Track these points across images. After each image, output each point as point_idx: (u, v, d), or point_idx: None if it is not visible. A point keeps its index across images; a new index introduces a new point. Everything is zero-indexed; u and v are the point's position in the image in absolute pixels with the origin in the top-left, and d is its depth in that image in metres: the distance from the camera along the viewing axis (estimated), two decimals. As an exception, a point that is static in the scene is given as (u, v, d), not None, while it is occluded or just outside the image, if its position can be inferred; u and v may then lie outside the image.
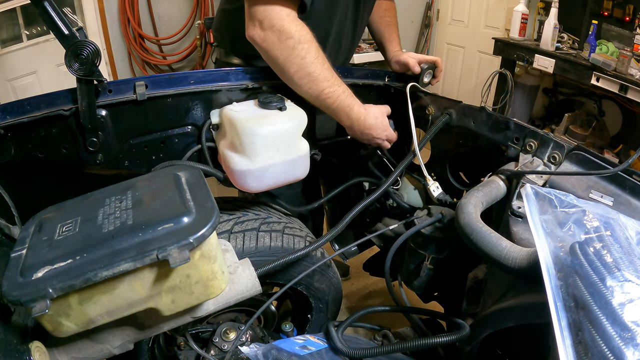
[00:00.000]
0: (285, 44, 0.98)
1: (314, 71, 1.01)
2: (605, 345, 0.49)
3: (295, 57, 0.99)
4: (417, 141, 1.17)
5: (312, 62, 1.01)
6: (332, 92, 1.06)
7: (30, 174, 1.02)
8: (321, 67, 1.02)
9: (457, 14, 3.95)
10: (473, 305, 1.01)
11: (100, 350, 0.77)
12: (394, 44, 1.44)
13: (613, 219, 0.65)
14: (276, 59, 1.01)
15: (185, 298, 0.73)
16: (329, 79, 1.04)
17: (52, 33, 0.82)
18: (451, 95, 1.30)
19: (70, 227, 0.70)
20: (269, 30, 0.98)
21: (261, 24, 0.99)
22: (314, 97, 1.06)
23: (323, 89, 1.04)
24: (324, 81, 1.04)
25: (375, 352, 0.91)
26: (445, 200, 1.19)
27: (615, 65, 2.39)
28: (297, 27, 0.99)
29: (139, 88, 1.00)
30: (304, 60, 1.00)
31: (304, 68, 1.01)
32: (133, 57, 3.44)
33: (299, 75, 1.02)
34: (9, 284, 0.61)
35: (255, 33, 1.00)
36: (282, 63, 1.01)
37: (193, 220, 0.69)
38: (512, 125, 1.00)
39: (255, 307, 1.22)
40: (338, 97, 1.07)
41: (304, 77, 1.02)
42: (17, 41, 3.07)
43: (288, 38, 0.98)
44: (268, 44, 0.99)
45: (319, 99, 1.06)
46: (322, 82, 1.03)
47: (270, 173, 1.03)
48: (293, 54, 0.99)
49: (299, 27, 0.99)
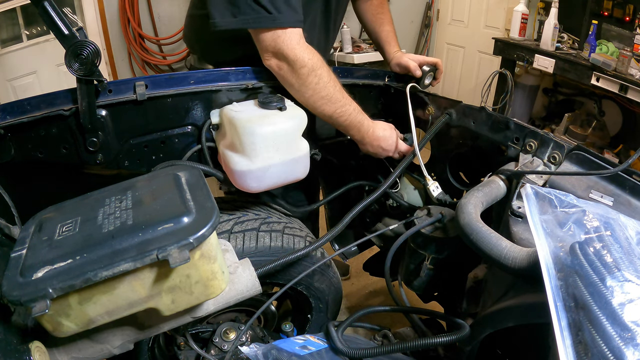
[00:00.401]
0: (300, 73, 1.04)
1: (327, 94, 1.08)
2: (605, 345, 0.49)
3: (310, 83, 1.05)
4: (417, 141, 1.17)
5: (325, 86, 1.08)
6: (344, 111, 1.13)
7: (30, 174, 1.01)
8: (333, 90, 1.09)
9: (457, 14, 3.95)
10: (473, 305, 1.01)
11: (100, 350, 0.77)
12: (392, 45, 1.44)
13: (613, 219, 0.65)
14: (292, 85, 1.07)
15: (185, 298, 0.73)
16: (340, 100, 1.11)
17: (52, 33, 0.82)
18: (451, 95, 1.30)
19: (70, 227, 0.70)
20: (283, 61, 1.04)
21: (275, 55, 1.04)
22: (327, 117, 1.13)
23: (336, 109, 1.11)
24: (336, 102, 1.11)
25: (375, 352, 0.91)
26: (445, 200, 1.19)
27: (615, 65, 2.38)
28: (309, 54, 1.04)
29: (139, 88, 1.00)
30: (317, 86, 1.06)
31: (318, 92, 1.07)
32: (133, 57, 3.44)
33: (313, 99, 1.08)
34: (9, 284, 0.61)
35: (272, 63, 1.06)
36: (297, 88, 1.07)
37: (193, 220, 0.69)
38: (512, 125, 1.00)
39: (255, 307, 1.22)
40: (350, 114, 1.14)
41: (318, 100, 1.09)
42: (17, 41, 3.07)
43: (302, 67, 1.03)
44: (284, 73, 1.06)
45: (332, 118, 1.13)
46: (335, 102, 1.10)
47: (270, 173, 1.03)
48: (307, 81, 1.05)
49: (310, 54, 1.04)
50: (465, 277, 1.04)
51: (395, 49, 1.43)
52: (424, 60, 1.31)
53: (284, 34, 1.01)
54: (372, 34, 1.51)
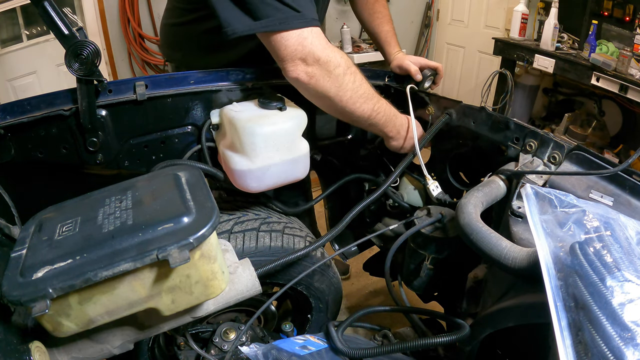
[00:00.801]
0: (336, 73, 0.94)
1: (364, 92, 1.01)
2: (605, 345, 0.49)
3: (347, 82, 0.97)
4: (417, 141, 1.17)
5: (362, 83, 1.00)
6: (379, 105, 1.06)
7: (30, 174, 1.01)
8: (367, 85, 1.02)
9: (457, 14, 3.95)
10: (473, 305, 1.01)
11: (100, 350, 0.77)
12: (392, 45, 1.44)
13: (613, 219, 0.65)
14: (327, 91, 0.96)
15: (185, 298, 0.73)
16: (375, 95, 1.05)
17: (52, 33, 0.82)
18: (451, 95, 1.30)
19: (70, 227, 0.70)
20: (314, 65, 0.92)
21: (305, 61, 0.92)
22: (366, 116, 1.05)
23: (374, 106, 1.04)
24: (372, 98, 1.04)
25: (375, 352, 0.91)
26: (445, 199, 1.19)
27: (615, 65, 2.39)
28: (338, 52, 0.95)
29: (139, 88, 1.00)
30: (354, 84, 0.98)
31: (356, 91, 0.99)
32: (133, 57, 3.44)
33: (353, 100, 0.99)
34: (9, 284, 0.61)
35: (301, 73, 0.93)
36: (334, 93, 0.97)
37: (193, 220, 0.69)
38: (512, 125, 1.00)
39: (255, 307, 1.23)
40: (385, 109, 1.08)
41: (358, 100, 1.00)
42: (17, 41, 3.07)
43: (337, 66, 0.94)
44: (317, 79, 0.94)
45: (370, 117, 1.05)
46: (372, 99, 1.03)
47: (270, 173, 1.03)
48: (345, 81, 0.96)
49: (339, 52, 0.96)
50: (465, 277, 1.04)
51: (395, 50, 1.42)
52: (425, 64, 1.31)
53: (311, 34, 0.90)
54: (372, 34, 1.51)
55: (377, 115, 1.06)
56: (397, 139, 1.18)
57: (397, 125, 1.14)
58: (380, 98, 1.07)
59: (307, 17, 0.89)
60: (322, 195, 1.43)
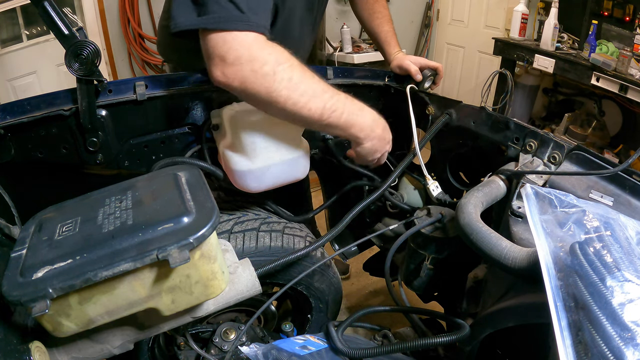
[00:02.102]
0: (263, 72, 0.80)
1: (307, 88, 0.85)
2: (605, 345, 0.49)
3: (280, 81, 0.82)
4: (417, 141, 1.17)
5: (302, 79, 0.84)
6: (334, 102, 0.90)
7: (30, 174, 1.01)
8: (312, 81, 0.87)
9: (457, 14, 3.95)
10: (473, 305, 1.01)
11: (100, 350, 0.77)
12: (392, 45, 1.43)
13: (613, 219, 0.65)
14: (257, 93, 0.82)
15: (185, 298, 0.73)
16: (326, 91, 0.89)
17: (52, 33, 0.82)
18: (451, 95, 1.30)
19: (70, 227, 0.70)
20: (236, 65, 0.79)
21: (223, 59, 0.79)
22: (317, 117, 0.89)
23: (325, 103, 0.88)
24: (322, 94, 0.88)
25: (375, 352, 0.91)
26: (445, 199, 1.19)
27: (615, 65, 2.39)
28: (269, 48, 0.82)
29: (139, 88, 1.00)
30: (292, 82, 0.83)
31: (295, 89, 0.83)
32: (133, 57, 3.44)
33: (292, 101, 0.84)
34: (9, 284, 0.61)
35: (220, 73, 0.80)
36: (266, 96, 0.82)
37: (193, 220, 0.69)
38: (512, 125, 1.00)
39: (255, 307, 1.22)
40: (344, 104, 0.91)
41: (299, 100, 0.85)
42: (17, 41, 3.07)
43: (264, 64, 0.80)
44: (242, 80, 0.80)
45: (323, 117, 0.89)
46: (320, 95, 0.87)
47: (270, 173, 1.03)
48: (277, 79, 0.81)
49: (271, 49, 0.82)
50: (465, 277, 1.04)
51: (395, 50, 1.42)
52: (425, 64, 1.31)
53: (246, 37, 0.79)
54: (371, 34, 1.51)
55: (332, 114, 0.89)
56: (370, 138, 1.00)
57: (366, 123, 0.97)
58: (336, 93, 0.91)
59: (250, 21, 0.79)
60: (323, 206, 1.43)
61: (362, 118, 0.97)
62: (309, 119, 0.88)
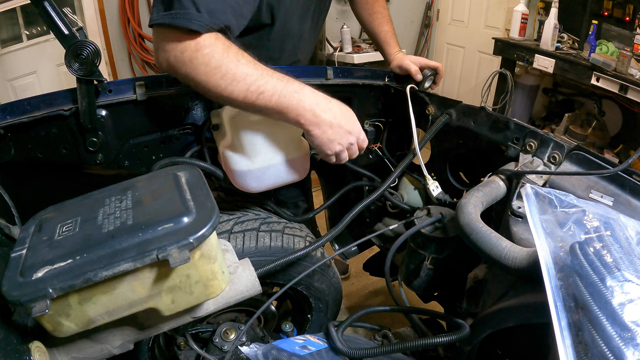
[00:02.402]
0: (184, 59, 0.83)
1: (227, 72, 0.83)
2: (605, 345, 0.49)
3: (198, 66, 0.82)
4: (417, 141, 1.17)
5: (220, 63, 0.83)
6: (262, 84, 0.84)
7: (30, 174, 1.02)
8: (234, 65, 0.83)
9: (457, 14, 3.95)
10: (473, 305, 1.01)
11: (100, 350, 0.77)
12: (392, 45, 1.44)
13: (613, 219, 0.65)
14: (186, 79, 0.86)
15: (185, 298, 0.73)
16: (251, 74, 0.84)
17: (52, 33, 0.82)
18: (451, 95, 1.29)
19: (70, 227, 0.70)
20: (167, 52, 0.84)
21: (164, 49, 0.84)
22: (242, 100, 0.85)
23: (248, 86, 0.84)
24: (245, 77, 0.84)
25: (375, 352, 0.91)
26: (445, 199, 1.20)
27: (615, 65, 2.39)
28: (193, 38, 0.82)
29: (139, 88, 1.00)
30: (208, 67, 0.83)
31: (214, 74, 0.83)
32: (133, 57, 3.44)
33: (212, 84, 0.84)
34: (9, 284, 0.61)
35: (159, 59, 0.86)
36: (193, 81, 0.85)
37: (193, 220, 0.69)
38: (512, 125, 1.00)
39: (255, 307, 1.22)
40: (274, 86, 0.85)
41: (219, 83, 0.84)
42: (17, 41, 3.07)
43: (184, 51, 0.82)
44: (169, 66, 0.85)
45: (248, 100, 0.85)
46: (243, 78, 0.84)
47: (270, 173, 1.03)
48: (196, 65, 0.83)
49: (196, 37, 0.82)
50: (465, 277, 1.04)
51: (395, 50, 1.42)
52: (425, 64, 1.31)
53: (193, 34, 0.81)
54: (371, 34, 1.51)
55: (259, 96, 0.85)
56: (315, 125, 0.89)
57: (305, 107, 0.87)
58: (269, 75, 0.85)
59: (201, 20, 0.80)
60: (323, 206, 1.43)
61: (298, 101, 0.87)
62: (235, 101, 0.86)
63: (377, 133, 1.42)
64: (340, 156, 0.97)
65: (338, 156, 0.97)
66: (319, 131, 0.90)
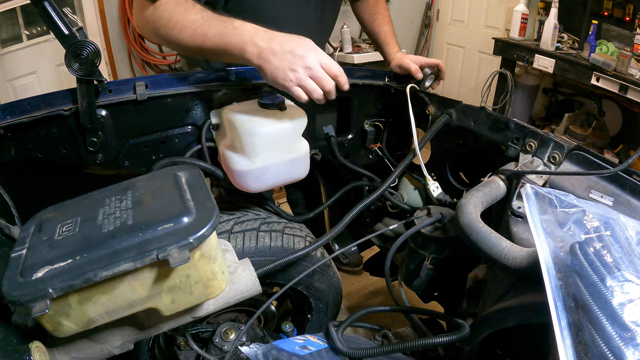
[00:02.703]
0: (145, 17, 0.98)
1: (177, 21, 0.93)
2: (605, 345, 0.49)
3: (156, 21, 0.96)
4: (417, 141, 1.17)
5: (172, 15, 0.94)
6: (205, 27, 0.91)
7: (30, 174, 1.01)
8: (184, 14, 0.93)
9: (457, 14, 3.95)
10: (473, 305, 1.01)
11: (100, 350, 0.77)
12: (392, 45, 1.43)
13: (613, 219, 0.65)
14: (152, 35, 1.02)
15: (185, 298, 0.73)
16: (196, 20, 0.92)
17: (52, 33, 0.82)
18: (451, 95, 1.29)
19: (70, 227, 0.70)
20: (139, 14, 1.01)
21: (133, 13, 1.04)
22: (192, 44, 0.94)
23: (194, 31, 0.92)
24: (191, 24, 0.92)
25: (375, 352, 0.91)
26: (445, 200, 1.20)
27: (615, 65, 2.39)
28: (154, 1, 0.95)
29: (139, 88, 1.00)
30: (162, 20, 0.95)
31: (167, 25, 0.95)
32: (133, 57, 3.44)
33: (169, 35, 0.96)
34: (9, 284, 0.61)
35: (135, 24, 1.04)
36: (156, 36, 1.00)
37: (193, 220, 0.69)
38: (512, 125, 1.00)
39: (255, 307, 1.23)
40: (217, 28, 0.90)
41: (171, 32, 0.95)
42: (17, 41, 3.07)
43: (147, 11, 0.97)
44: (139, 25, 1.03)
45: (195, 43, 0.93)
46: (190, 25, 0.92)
47: (270, 173, 1.03)
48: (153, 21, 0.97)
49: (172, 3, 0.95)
50: (465, 277, 1.04)
51: (395, 50, 1.42)
52: (425, 62, 1.30)
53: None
54: (371, 35, 1.51)
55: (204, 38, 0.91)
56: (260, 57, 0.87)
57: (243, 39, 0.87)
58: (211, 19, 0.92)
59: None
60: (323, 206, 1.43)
61: (238, 36, 0.88)
62: (187, 46, 0.96)
63: (377, 133, 1.42)
64: (306, 87, 0.89)
65: (304, 87, 0.89)
66: (263, 62, 0.87)
